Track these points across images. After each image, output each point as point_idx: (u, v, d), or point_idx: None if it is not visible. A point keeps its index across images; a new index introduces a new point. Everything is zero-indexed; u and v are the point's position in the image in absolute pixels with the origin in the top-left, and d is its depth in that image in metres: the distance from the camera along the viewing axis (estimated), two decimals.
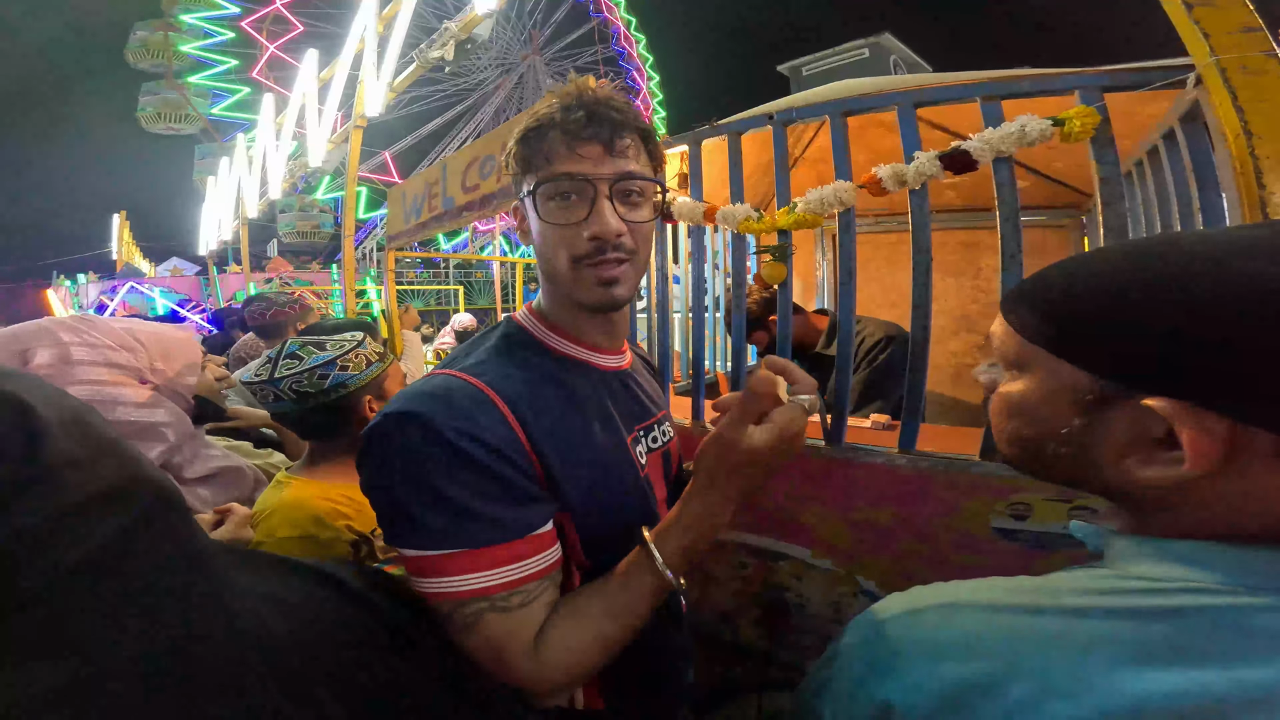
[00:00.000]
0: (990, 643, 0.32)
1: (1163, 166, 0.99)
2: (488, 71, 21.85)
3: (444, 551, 0.47)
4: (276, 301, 2.12)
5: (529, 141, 0.55)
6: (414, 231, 2.33)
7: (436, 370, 0.55)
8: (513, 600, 0.48)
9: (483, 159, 1.83)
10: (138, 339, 0.80)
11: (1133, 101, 0.92)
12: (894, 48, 11.76)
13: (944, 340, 2.18)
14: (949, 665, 0.31)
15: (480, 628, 0.47)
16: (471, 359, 0.56)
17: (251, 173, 5.60)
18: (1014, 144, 0.80)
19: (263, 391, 0.85)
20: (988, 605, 0.34)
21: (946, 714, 0.30)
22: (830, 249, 2.37)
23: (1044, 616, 0.32)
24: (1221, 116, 0.72)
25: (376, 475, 0.49)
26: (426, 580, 0.48)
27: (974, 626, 0.33)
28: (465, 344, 0.62)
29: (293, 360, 0.85)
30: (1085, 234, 1.93)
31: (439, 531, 0.47)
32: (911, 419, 0.95)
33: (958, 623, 0.34)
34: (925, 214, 0.90)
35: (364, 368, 0.89)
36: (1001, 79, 0.88)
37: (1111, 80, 0.81)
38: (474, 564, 0.47)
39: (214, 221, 8.13)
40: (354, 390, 0.87)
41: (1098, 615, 0.31)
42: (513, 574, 0.48)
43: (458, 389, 0.50)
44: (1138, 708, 0.26)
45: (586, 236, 0.53)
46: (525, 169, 0.56)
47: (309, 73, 3.99)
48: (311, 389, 0.84)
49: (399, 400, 0.50)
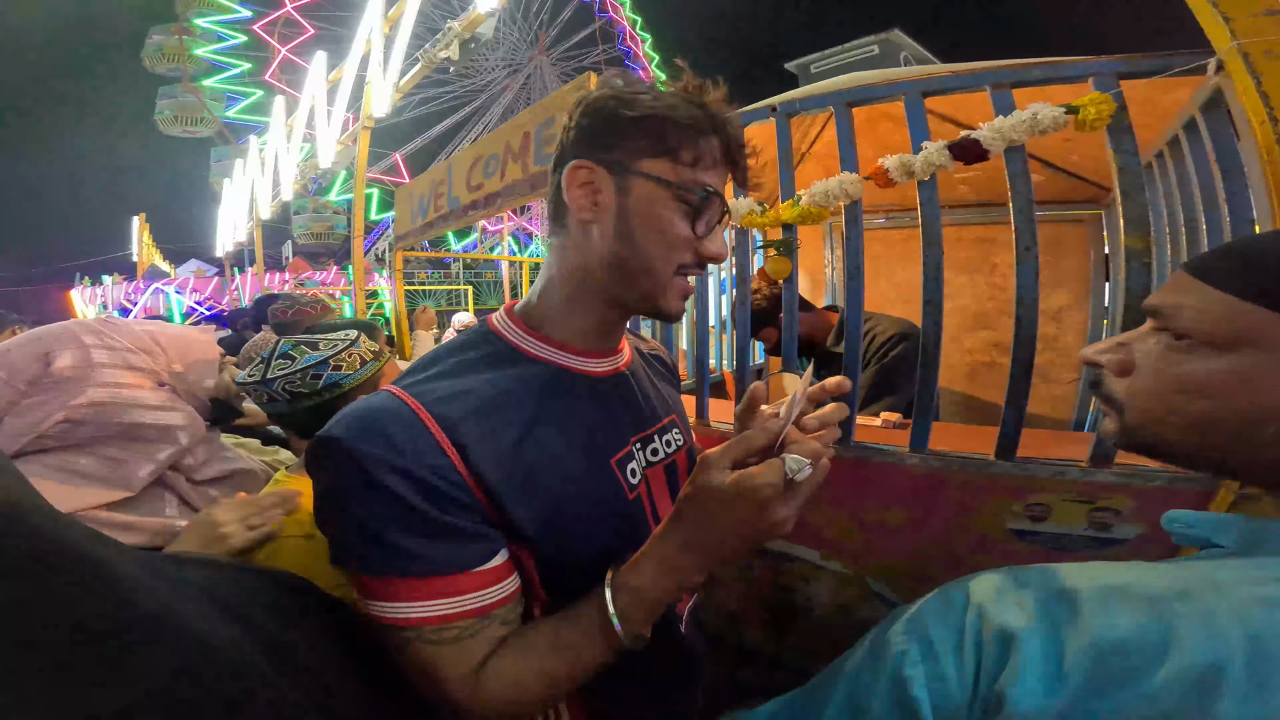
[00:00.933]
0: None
1: (1184, 157, 0.96)
2: (495, 72, 21.96)
3: (372, 576, 0.44)
4: (300, 300, 2.16)
5: (678, 128, 0.48)
6: (421, 231, 2.34)
7: (391, 383, 0.51)
8: (444, 635, 0.45)
9: (486, 158, 1.83)
10: (158, 342, 0.81)
11: (1152, 90, 0.89)
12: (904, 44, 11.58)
13: (959, 337, 2.13)
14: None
15: (412, 653, 0.45)
16: (428, 372, 0.51)
17: (264, 175, 5.67)
18: (1026, 132, 0.77)
19: (256, 392, 0.84)
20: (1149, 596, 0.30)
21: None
22: (839, 245, 2.34)
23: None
24: (1246, 103, 0.69)
25: (314, 492, 0.47)
26: (362, 599, 0.46)
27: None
28: (436, 350, 0.56)
29: (285, 360, 0.85)
30: (1105, 230, 1.88)
31: (361, 557, 0.44)
32: (923, 417, 0.92)
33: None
34: (935, 206, 0.88)
35: (358, 367, 0.89)
36: (1012, 67, 0.85)
37: (1127, 66, 0.78)
38: (407, 592, 0.44)
39: (230, 223, 8.26)
40: (349, 390, 0.87)
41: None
42: (448, 608, 0.44)
43: (388, 411, 0.46)
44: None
45: (702, 252, 0.51)
46: (653, 150, 0.49)
47: (318, 74, 4.03)
48: (305, 389, 0.84)
49: (332, 421, 0.46)
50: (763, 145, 1.15)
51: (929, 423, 0.93)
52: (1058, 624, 0.30)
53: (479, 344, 0.54)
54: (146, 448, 0.75)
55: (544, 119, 1.64)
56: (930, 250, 0.87)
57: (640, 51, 24.19)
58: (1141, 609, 0.29)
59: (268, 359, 0.85)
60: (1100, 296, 1.92)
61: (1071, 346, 1.99)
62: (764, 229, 1.03)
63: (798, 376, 0.53)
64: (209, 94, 18.76)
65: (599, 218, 0.50)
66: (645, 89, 0.51)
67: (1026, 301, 0.82)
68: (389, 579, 0.44)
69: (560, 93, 1.58)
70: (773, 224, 0.99)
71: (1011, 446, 0.87)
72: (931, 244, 0.87)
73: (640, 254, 0.50)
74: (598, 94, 0.51)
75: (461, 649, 0.45)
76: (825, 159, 1.74)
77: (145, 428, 0.75)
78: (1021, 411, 0.85)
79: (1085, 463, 0.83)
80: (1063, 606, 0.31)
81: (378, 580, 0.44)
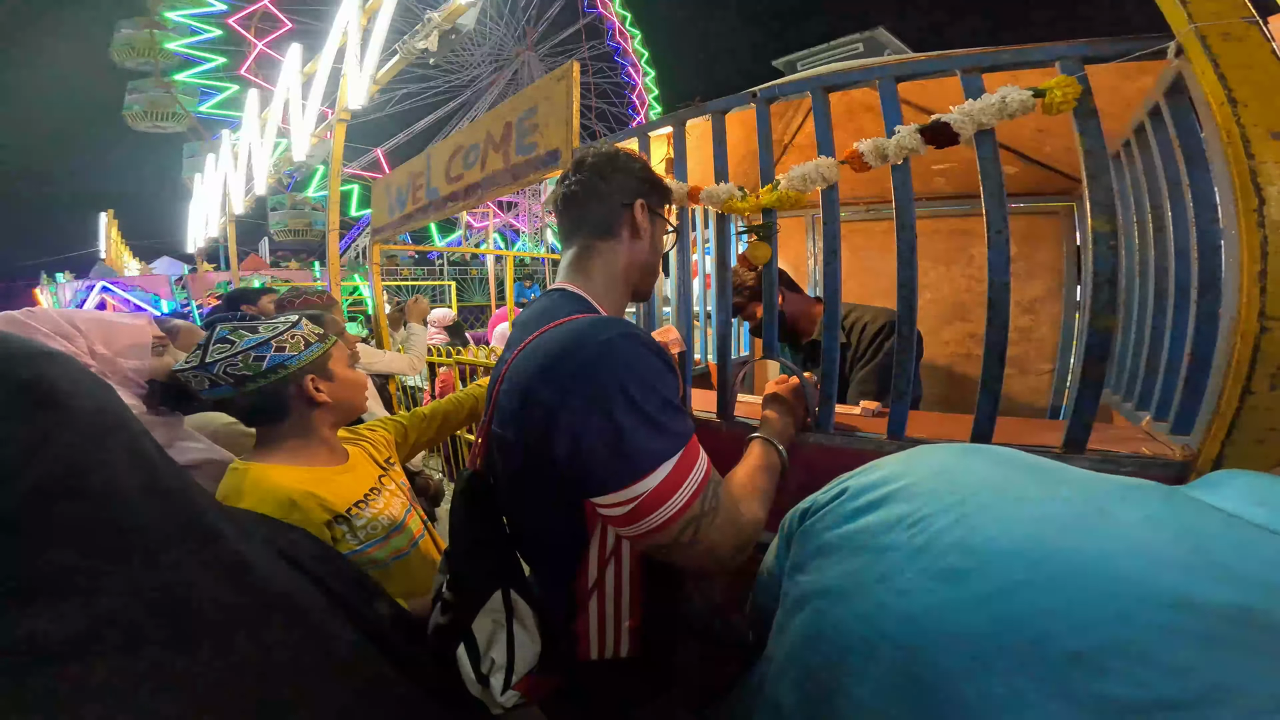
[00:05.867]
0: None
1: (1150, 144, 0.98)
2: (481, 68, 21.71)
3: (677, 456, 0.56)
4: (305, 292, 2.20)
5: (667, 192, 0.84)
6: (399, 224, 2.30)
7: (573, 319, 0.64)
8: (714, 483, 0.60)
9: (466, 148, 1.80)
10: (75, 326, 0.82)
11: (1117, 77, 0.90)
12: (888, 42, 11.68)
13: (936, 330, 2.16)
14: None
15: (720, 510, 0.58)
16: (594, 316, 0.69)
17: (237, 169, 5.53)
18: (995, 115, 0.78)
19: (197, 378, 0.81)
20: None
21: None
22: (822, 237, 2.36)
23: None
24: (1205, 86, 0.70)
25: (634, 386, 0.55)
26: (663, 506, 0.55)
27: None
28: (540, 309, 0.71)
29: (224, 344, 0.83)
30: (1077, 221, 1.92)
31: (672, 433, 0.56)
32: (900, 403, 0.93)
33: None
34: (908, 190, 0.88)
35: (302, 348, 0.87)
36: (982, 52, 0.86)
37: (1092, 50, 0.79)
38: (692, 457, 0.57)
39: (201, 219, 8.04)
40: (294, 370, 0.86)
41: None
42: (705, 463, 0.60)
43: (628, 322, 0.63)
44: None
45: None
46: (663, 202, 0.83)
47: (292, 67, 3.93)
48: (249, 371, 0.82)
49: (603, 328, 0.59)
50: (744, 133, 1.15)
51: (906, 409, 0.93)
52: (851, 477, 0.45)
53: (591, 305, 0.73)
54: None
55: (526, 109, 1.62)
56: (904, 234, 0.87)
57: (629, 47, 24.13)
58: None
59: (205, 344, 0.83)
60: (1074, 288, 1.96)
61: (1046, 337, 2.03)
62: (744, 214, 1.02)
63: (777, 364, 0.60)
64: (181, 89, 18.22)
65: (643, 238, 0.78)
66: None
67: (998, 284, 0.83)
68: (690, 446, 0.58)
69: (542, 82, 1.56)
70: (753, 209, 0.99)
71: (987, 433, 0.88)
72: (905, 228, 0.87)
73: (654, 262, 0.82)
74: (642, 161, 0.81)
75: (726, 492, 0.62)
76: (808, 150, 1.74)
77: None
78: (996, 396, 0.86)
79: (1059, 449, 0.84)
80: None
81: (686, 447, 0.57)
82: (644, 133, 1.23)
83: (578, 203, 0.76)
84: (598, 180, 0.76)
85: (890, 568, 0.35)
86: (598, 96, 23.42)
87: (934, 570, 0.33)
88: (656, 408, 0.56)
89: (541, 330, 0.64)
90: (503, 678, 0.60)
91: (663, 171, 1.29)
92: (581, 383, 0.55)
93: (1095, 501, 0.33)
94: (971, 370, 2.15)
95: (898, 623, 0.33)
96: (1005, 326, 0.83)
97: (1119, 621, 0.27)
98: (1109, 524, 0.31)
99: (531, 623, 0.63)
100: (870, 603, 0.35)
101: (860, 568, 0.37)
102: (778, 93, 1.02)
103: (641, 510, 0.55)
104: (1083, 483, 0.35)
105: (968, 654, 0.30)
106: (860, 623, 0.35)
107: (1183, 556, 0.28)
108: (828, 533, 0.41)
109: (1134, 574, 0.28)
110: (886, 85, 0.89)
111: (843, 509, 0.42)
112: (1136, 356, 1.18)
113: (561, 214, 0.78)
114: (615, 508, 0.56)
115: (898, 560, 0.35)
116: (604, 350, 0.57)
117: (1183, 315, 0.91)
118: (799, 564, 0.43)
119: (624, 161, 0.78)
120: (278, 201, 17.43)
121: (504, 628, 0.61)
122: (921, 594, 0.33)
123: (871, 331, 1.51)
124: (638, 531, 0.56)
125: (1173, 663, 0.25)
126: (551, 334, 0.62)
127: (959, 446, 0.43)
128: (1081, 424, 0.81)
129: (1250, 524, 0.29)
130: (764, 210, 1.00)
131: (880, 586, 0.35)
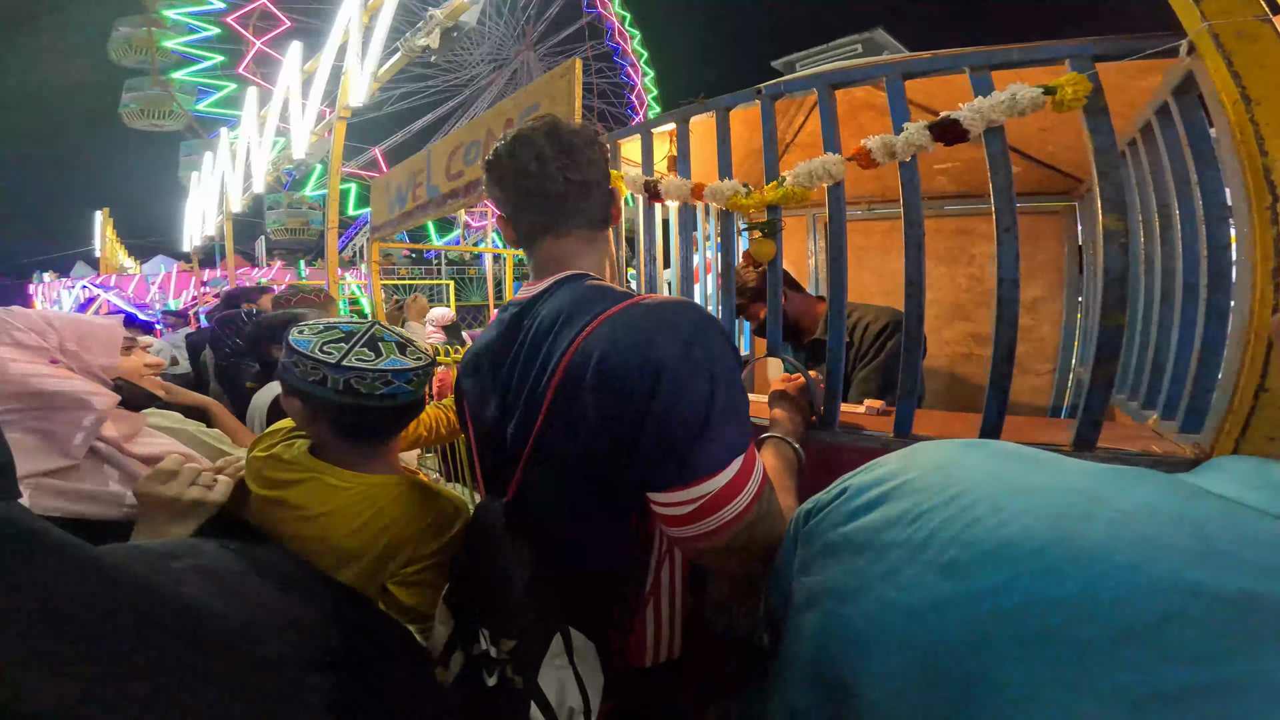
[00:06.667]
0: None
1: (1157, 142, 0.97)
2: (480, 67, 21.69)
3: (744, 454, 0.54)
4: (304, 289, 2.20)
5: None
6: (399, 221, 2.29)
7: (644, 298, 0.61)
8: (769, 486, 0.58)
9: (467, 145, 1.79)
10: (50, 323, 0.85)
11: (1124, 76, 0.90)
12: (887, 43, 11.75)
13: (937, 329, 2.16)
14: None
15: (770, 515, 0.56)
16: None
17: (235, 167, 5.50)
18: (1005, 112, 0.78)
19: (313, 368, 0.72)
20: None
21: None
22: (822, 235, 2.35)
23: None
24: (1218, 84, 0.70)
25: (724, 373, 0.54)
26: (728, 505, 0.53)
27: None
28: (580, 297, 0.65)
29: (369, 352, 0.74)
30: (1079, 220, 1.92)
31: (746, 428, 0.55)
32: (907, 401, 0.92)
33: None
34: (916, 187, 0.88)
35: (423, 391, 0.83)
36: (991, 50, 0.86)
37: (1103, 48, 0.79)
38: (754, 458, 0.56)
39: (198, 217, 8.00)
40: (401, 405, 0.79)
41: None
42: (763, 466, 0.58)
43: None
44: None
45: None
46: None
47: (293, 65, 3.91)
48: (364, 389, 0.74)
49: (691, 309, 0.58)
50: (746, 131, 1.15)
51: (913, 407, 0.93)
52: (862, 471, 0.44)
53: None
54: (67, 416, 0.78)
55: (527, 105, 1.61)
56: (912, 231, 0.87)
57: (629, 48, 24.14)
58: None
59: (350, 339, 0.75)
60: (1075, 287, 1.96)
61: (1047, 337, 2.03)
62: (748, 211, 1.02)
63: (781, 361, 0.59)
64: (179, 87, 18.15)
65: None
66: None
67: (1007, 282, 0.82)
68: (750, 448, 0.56)
69: (545, 79, 1.55)
70: (757, 205, 0.98)
71: (995, 431, 0.87)
72: (913, 225, 0.87)
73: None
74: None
75: (774, 493, 0.60)
76: (809, 149, 1.74)
77: (53, 395, 0.78)
78: (1005, 395, 0.86)
79: (1069, 448, 0.84)
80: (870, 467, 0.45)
81: (748, 453, 0.55)
82: (647, 129, 1.23)
83: (574, 190, 0.67)
84: (585, 165, 0.67)
85: (894, 564, 0.35)
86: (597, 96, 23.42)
87: (936, 565, 0.33)
88: (742, 398, 0.56)
89: (603, 315, 0.58)
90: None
91: (665, 169, 1.28)
92: (692, 353, 0.53)
93: (1093, 490, 0.33)
94: (971, 370, 2.15)
95: (905, 619, 0.33)
96: (1015, 324, 0.83)
97: (1127, 609, 0.26)
98: (1108, 511, 0.30)
99: (592, 656, 0.61)
100: (876, 600, 0.35)
101: (864, 566, 0.37)
102: (783, 89, 1.01)
103: (706, 509, 0.52)
104: (1082, 472, 0.35)
105: (978, 648, 0.29)
106: (867, 621, 0.35)
107: (1184, 542, 0.28)
108: (831, 532, 0.42)
109: (1138, 561, 0.27)
110: (894, 82, 0.89)
111: (845, 508, 0.42)
112: (1142, 355, 1.17)
113: (540, 201, 0.67)
114: (679, 506, 0.53)
115: (900, 556, 0.35)
116: (706, 325, 0.56)
117: (1190, 313, 0.91)
118: (805, 565, 0.44)
119: (595, 137, 0.70)
120: (275, 200, 17.36)
121: (569, 669, 0.58)
122: (926, 589, 0.33)
123: (874, 330, 1.51)
124: (695, 533, 0.53)
125: (1188, 649, 0.25)
126: (631, 313, 0.57)
127: (958, 441, 0.43)
128: (1091, 422, 0.81)
129: (1250, 508, 0.29)
130: (768, 207, 0.99)
131: (885, 583, 0.35)
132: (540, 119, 0.69)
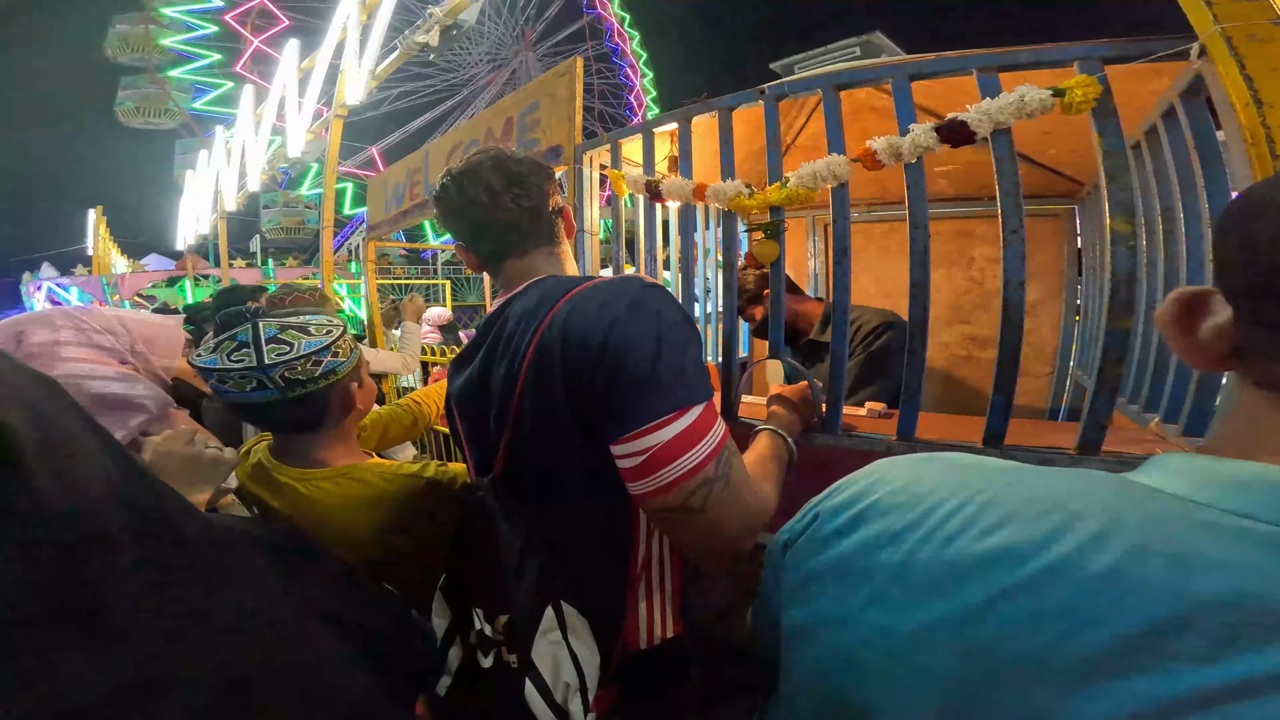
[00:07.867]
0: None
1: (1162, 145, 0.97)
2: (479, 66, 21.67)
3: (699, 408, 0.56)
4: (297, 288, 2.19)
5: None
6: (395, 220, 2.27)
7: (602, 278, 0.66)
8: (733, 451, 0.59)
9: (466, 144, 1.78)
10: (124, 324, 0.90)
11: (1131, 81, 0.89)
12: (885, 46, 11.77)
13: (936, 332, 2.15)
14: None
15: (735, 472, 0.58)
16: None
17: (230, 165, 5.45)
18: (1012, 114, 0.77)
19: (244, 379, 0.74)
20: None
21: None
22: (822, 237, 2.35)
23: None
24: (1229, 87, 0.69)
25: (669, 330, 0.58)
26: (678, 460, 0.54)
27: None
28: (546, 290, 0.69)
29: (280, 345, 0.75)
30: (1079, 224, 1.92)
31: (697, 386, 0.57)
32: (910, 404, 0.91)
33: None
34: (921, 188, 0.87)
35: (348, 353, 0.84)
36: (998, 52, 0.85)
37: (1113, 51, 0.78)
38: (710, 418, 0.57)
39: (192, 215, 7.93)
40: (343, 376, 0.82)
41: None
42: (723, 428, 0.59)
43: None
44: None
45: None
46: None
47: (289, 63, 3.88)
48: (303, 376, 0.76)
49: (644, 280, 0.62)
50: (748, 132, 1.13)
51: (916, 410, 0.92)
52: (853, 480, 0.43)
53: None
54: (118, 416, 0.83)
55: (527, 104, 1.60)
56: (917, 233, 0.86)
57: (628, 48, 24.17)
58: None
59: (253, 343, 0.75)
60: (1073, 290, 1.96)
61: (1045, 340, 2.03)
62: (751, 212, 1.01)
63: (780, 363, 0.59)
64: (175, 85, 18.05)
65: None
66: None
67: (1013, 284, 0.81)
68: (709, 404, 0.58)
69: (545, 77, 1.54)
70: (760, 206, 0.97)
71: (999, 434, 0.86)
72: (918, 226, 0.86)
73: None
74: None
75: (739, 464, 0.60)
76: (810, 151, 1.73)
77: (113, 398, 0.82)
78: (1010, 398, 0.85)
79: (1074, 450, 0.83)
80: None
81: (707, 406, 0.57)
82: (649, 129, 1.21)
83: (527, 216, 0.73)
84: (535, 191, 0.73)
85: (880, 589, 0.35)
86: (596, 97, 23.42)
87: (920, 586, 0.33)
88: (690, 357, 0.58)
89: (569, 294, 0.64)
90: (580, 700, 0.57)
91: (666, 169, 1.27)
92: (638, 310, 0.58)
93: (1057, 497, 0.32)
94: (970, 373, 2.14)
95: (903, 643, 0.33)
96: (1020, 326, 0.82)
97: (1123, 616, 0.26)
98: (1077, 518, 0.30)
99: (586, 632, 0.61)
100: (869, 627, 0.35)
101: (851, 593, 0.37)
102: (787, 90, 1.00)
103: (656, 461, 0.54)
104: (1039, 477, 0.35)
105: (981, 667, 0.29)
106: (867, 648, 0.35)
107: (1157, 544, 0.28)
108: (810, 560, 0.41)
109: (1120, 567, 0.27)
110: (900, 83, 0.88)
111: (818, 535, 0.41)
112: (1143, 358, 1.17)
113: (496, 230, 0.73)
114: (631, 457, 0.55)
115: (884, 580, 0.35)
116: (654, 290, 0.61)
117: None
118: (792, 597, 0.43)
119: (540, 164, 0.77)
120: (270, 199, 17.28)
121: (563, 645, 0.58)
122: (917, 610, 0.32)
123: (867, 329, 1.50)
124: (649, 487, 0.55)
125: (1190, 654, 0.25)
126: (589, 289, 0.63)
127: (913, 457, 0.43)
128: (1097, 425, 0.80)
129: (1198, 504, 0.29)
130: (772, 208, 0.98)
131: (874, 609, 0.35)
132: (482, 152, 0.75)
